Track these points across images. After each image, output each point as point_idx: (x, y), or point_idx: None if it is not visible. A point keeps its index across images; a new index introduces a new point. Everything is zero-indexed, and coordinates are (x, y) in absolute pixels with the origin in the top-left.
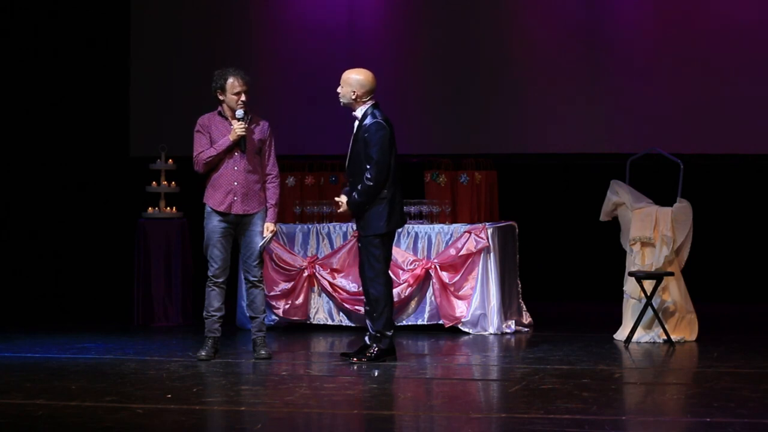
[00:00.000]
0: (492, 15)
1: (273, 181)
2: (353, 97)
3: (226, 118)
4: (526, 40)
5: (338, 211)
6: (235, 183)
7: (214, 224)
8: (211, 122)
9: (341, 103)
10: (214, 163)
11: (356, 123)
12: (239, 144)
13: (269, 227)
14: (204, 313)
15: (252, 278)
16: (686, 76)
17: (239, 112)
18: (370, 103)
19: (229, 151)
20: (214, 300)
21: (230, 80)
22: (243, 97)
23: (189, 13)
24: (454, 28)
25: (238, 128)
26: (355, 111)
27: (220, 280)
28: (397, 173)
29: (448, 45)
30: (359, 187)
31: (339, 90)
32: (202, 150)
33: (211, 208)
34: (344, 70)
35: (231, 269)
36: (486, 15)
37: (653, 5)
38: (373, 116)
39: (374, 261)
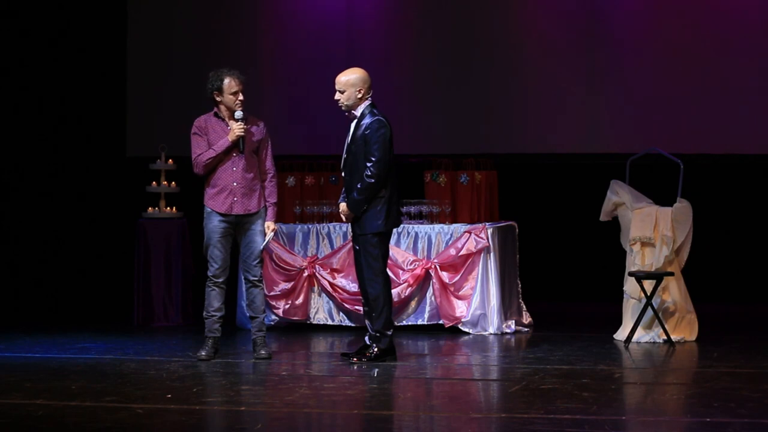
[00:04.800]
0: (492, 15)
1: (271, 180)
2: (359, 96)
3: (223, 119)
4: (526, 40)
5: (343, 218)
6: (234, 183)
7: (214, 224)
8: (208, 124)
9: (344, 107)
10: (214, 165)
11: (354, 122)
12: (238, 144)
13: (270, 226)
14: (204, 313)
15: (252, 278)
16: (686, 76)
17: (238, 113)
18: (368, 101)
19: (227, 152)
20: (214, 300)
21: (227, 80)
22: (240, 97)
23: (186, 12)
24: (454, 28)
25: (237, 128)
26: (354, 110)
27: (220, 280)
28: (394, 173)
29: (448, 45)
30: (359, 185)
31: (339, 96)
32: (201, 152)
33: (211, 209)
34: (342, 70)
35: (231, 269)
36: (486, 15)
37: (654, 5)
38: (373, 114)
39: (372, 260)
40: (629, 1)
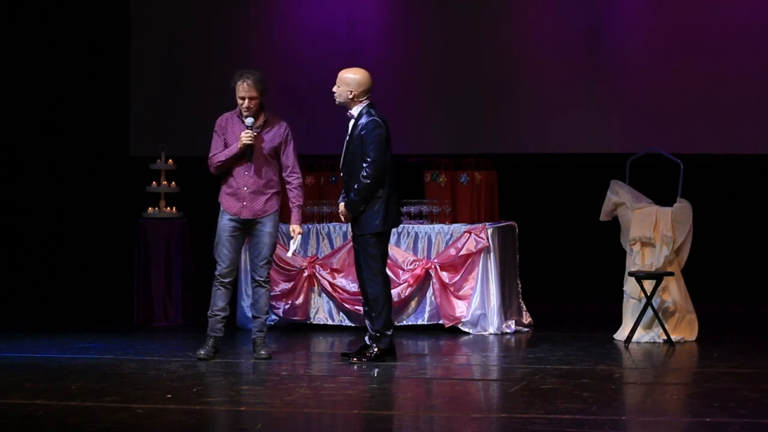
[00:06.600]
0: (492, 15)
1: (294, 182)
2: (350, 96)
3: (243, 120)
4: (526, 40)
5: (342, 218)
6: (245, 188)
7: (224, 222)
8: (228, 123)
9: (336, 102)
10: (227, 167)
11: (351, 122)
12: (246, 152)
13: (295, 229)
14: (208, 312)
15: (258, 278)
16: (686, 76)
17: (248, 120)
18: (366, 102)
19: (244, 156)
20: (219, 300)
21: (237, 84)
22: (247, 103)
23: (189, 12)
24: (455, 28)
25: (244, 137)
26: (350, 110)
27: (227, 280)
28: (392, 173)
29: (448, 45)
30: (355, 186)
31: (335, 89)
32: (216, 152)
33: (223, 208)
34: (344, 68)
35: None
36: (486, 15)
37: (653, 5)
38: (369, 115)
39: (371, 260)
40: (629, 2)
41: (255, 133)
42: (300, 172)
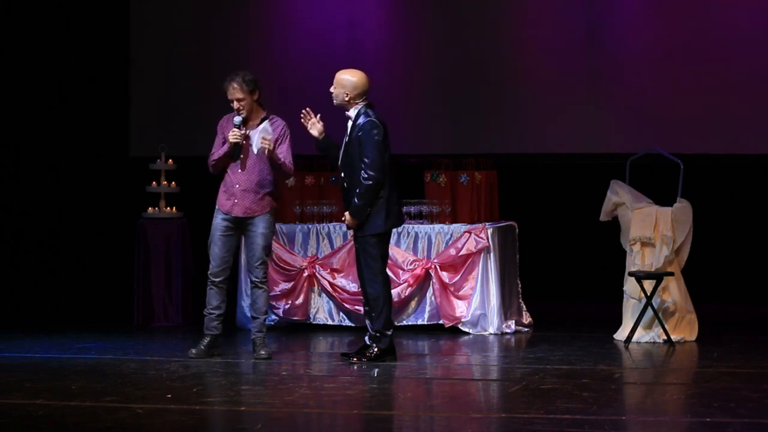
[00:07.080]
0: (492, 15)
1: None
2: (346, 98)
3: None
4: (526, 40)
5: (347, 225)
6: (237, 185)
7: (217, 221)
8: (228, 123)
9: (334, 103)
10: (221, 166)
11: (350, 123)
12: (234, 151)
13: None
14: (204, 311)
15: (254, 279)
16: (686, 76)
17: (236, 119)
18: (362, 103)
19: (232, 155)
20: (213, 299)
21: (226, 86)
22: (236, 105)
23: (189, 13)
24: (455, 28)
25: (230, 136)
26: (348, 111)
27: (218, 279)
28: (392, 173)
29: (448, 45)
30: (357, 190)
31: (332, 90)
32: (213, 151)
33: (218, 206)
34: (344, 68)
35: (232, 270)
36: (486, 15)
37: (653, 6)
38: (367, 115)
39: (372, 261)
40: (629, 2)
41: (242, 132)
42: (293, 168)
